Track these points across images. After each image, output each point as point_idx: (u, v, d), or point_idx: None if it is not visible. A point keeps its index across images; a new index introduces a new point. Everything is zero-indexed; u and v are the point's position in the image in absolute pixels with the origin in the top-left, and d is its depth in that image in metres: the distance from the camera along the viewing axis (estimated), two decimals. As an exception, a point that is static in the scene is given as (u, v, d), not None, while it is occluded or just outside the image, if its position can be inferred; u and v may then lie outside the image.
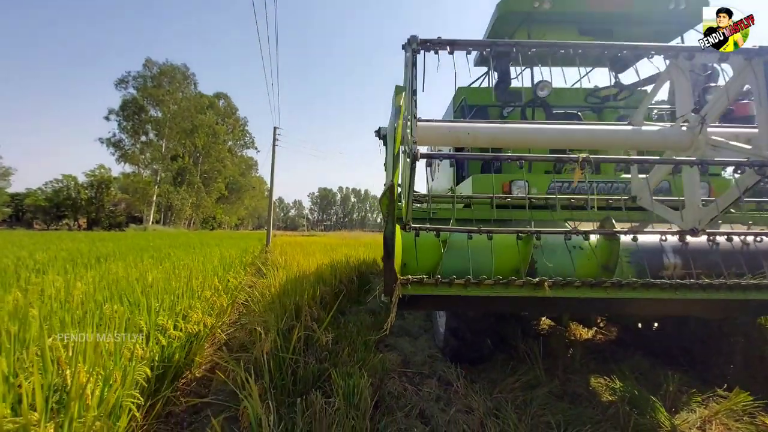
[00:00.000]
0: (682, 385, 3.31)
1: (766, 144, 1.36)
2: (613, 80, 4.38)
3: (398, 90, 1.75)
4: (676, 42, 3.87)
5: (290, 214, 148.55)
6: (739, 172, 1.39)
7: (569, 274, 2.12)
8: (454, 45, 1.56)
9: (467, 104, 4.28)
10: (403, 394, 3.12)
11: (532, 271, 2.21)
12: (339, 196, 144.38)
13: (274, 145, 21.21)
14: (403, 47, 1.99)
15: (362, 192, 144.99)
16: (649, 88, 4.14)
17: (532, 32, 3.78)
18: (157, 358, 2.29)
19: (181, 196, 53.58)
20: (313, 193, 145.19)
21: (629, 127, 1.83)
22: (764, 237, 1.91)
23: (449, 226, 1.92)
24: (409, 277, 1.88)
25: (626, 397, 3.12)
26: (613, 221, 2.37)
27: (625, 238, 2.18)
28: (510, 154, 1.60)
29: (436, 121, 2.02)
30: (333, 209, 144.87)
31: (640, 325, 4.23)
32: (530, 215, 2.47)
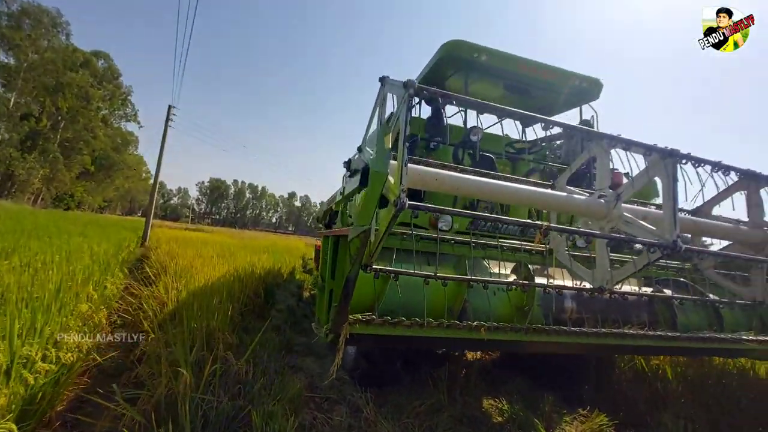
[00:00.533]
0: (555, 405, 3.83)
1: (669, 230, 1.70)
2: (521, 132, 5.02)
3: (385, 130, 1.72)
4: (575, 111, 4.61)
5: (172, 202, 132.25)
6: (651, 250, 1.71)
7: (493, 314, 2.35)
8: (446, 97, 1.61)
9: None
10: (314, 424, 2.99)
11: (464, 310, 2.36)
12: (233, 189, 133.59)
13: (166, 126, 18.80)
14: (380, 80, 1.96)
15: (259, 189, 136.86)
16: (559, 146, 4.87)
17: (468, 78, 4.09)
18: (17, 403, 1.74)
19: (28, 164, 43.21)
20: (203, 183, 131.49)
21: (563, 193, 2.11)
22: (645, 296, 2.39)
23: (410, 270, 1.93)
24: (359, 316, 1.83)
25: (513, 418, 3.51)
26: (528, 266, 2.73)
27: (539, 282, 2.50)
28: (491, 215, 1.69)
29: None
30: (224, 203, 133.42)
31: (518, 348, 4.84)
32: (455, 250, 2.66)
